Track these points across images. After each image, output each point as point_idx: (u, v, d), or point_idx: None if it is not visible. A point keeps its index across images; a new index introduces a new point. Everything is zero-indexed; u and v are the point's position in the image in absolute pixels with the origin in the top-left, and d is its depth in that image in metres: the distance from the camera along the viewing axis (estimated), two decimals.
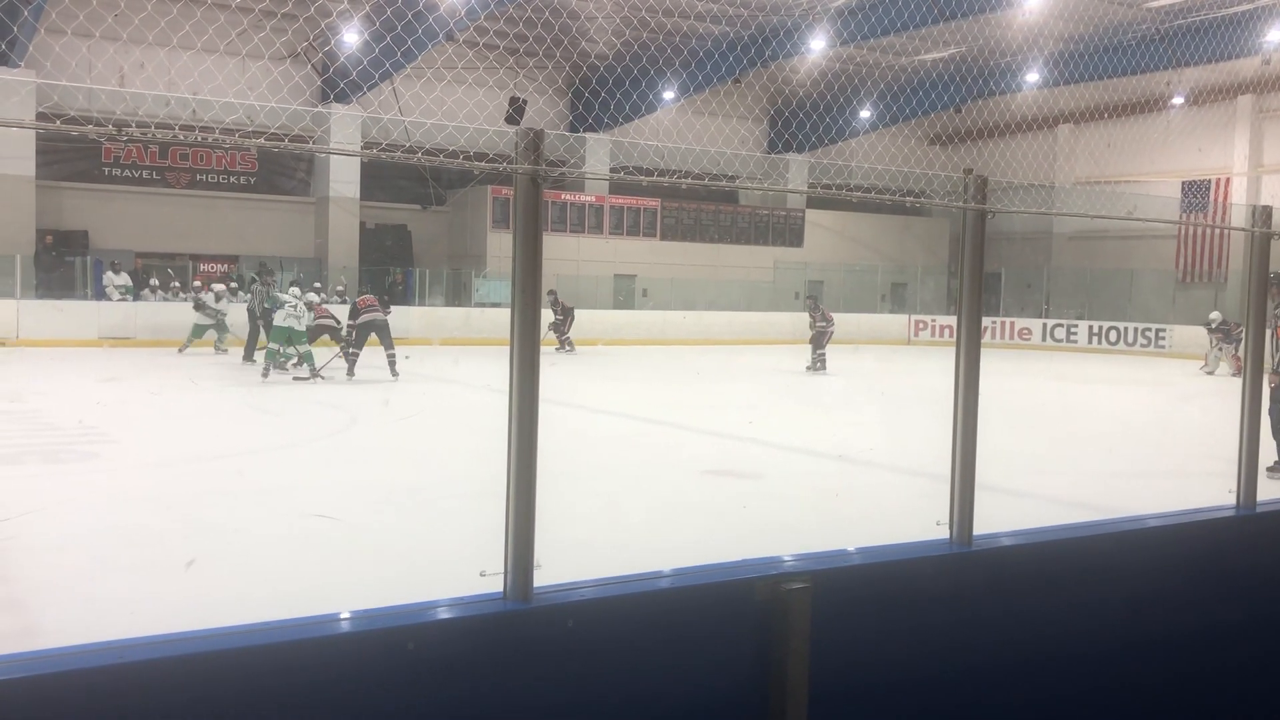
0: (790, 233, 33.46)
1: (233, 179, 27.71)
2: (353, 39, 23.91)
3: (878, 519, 7.30)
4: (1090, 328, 29.48)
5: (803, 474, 9.46)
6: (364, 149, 24.79)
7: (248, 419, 12.57)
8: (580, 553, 5.47)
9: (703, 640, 2.62)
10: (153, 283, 23.70)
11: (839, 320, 21.13)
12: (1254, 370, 3.95)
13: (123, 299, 22.87)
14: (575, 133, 29.77)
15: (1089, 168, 32.21)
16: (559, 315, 22.81)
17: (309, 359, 15.96)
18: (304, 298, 17.02)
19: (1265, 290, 3.96)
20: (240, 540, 6.54)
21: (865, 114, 30.82)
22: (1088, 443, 11.52)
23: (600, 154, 29.83)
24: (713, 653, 2.63)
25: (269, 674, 2.15)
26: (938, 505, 3.20)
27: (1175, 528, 3.75)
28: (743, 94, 29.87)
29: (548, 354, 19.28)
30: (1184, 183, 30.68)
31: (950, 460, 3.17)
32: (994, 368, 5.55)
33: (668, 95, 27.77)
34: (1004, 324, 30.21)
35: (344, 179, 27.47)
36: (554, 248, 27.35)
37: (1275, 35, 23.69)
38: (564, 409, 12.32)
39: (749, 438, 11.15)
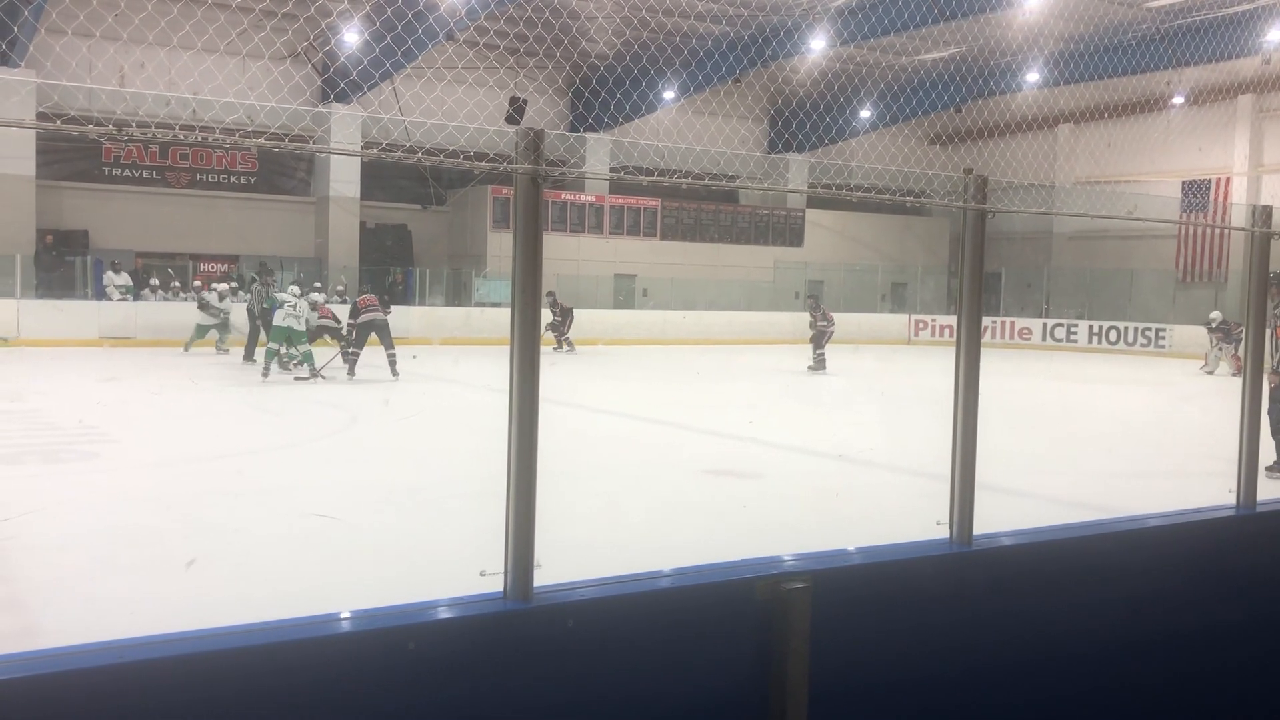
0: (790, 232, 33.46)
1: (233, 179, 27.71)
2: (353, 39, 23.91)
3: (878, 519, 7.30)
4: (1090, 327, 29.49)
5: (803, 474, 9.46)
6: (364, 149, 24.79)
7: (248, 419, 12.58)
8: (580, 553, 5.47)
9: (703, 640, 2.62)
10: (153, 282, 23.72)
11: (839, 320, 21.13)
12: (1254, 370, 3.95)
13: (123, 299, 22.88)
14: (575, 133, 29.77)
15: (1089, 167, 32.20)
16: (557, 316, 22.81)
17: (308, 359, 15.97)
18: (308, 297, 17.02)
19: (1265, 290, 3.96)
20: (240, 540, 6.54)
21: (865, 114, 30.82)
22: (1088, 442, 11.52)
23: (600, 154, 29.82)
24: (713, 652, 2.63)
25: (269, 674, 2.15)
26: (938, 505, 3.20)
27: (1175, 528, 3.75)
28: (743, 94, 29.87)
29: (546, 354, 19.25)
30: (1184, 182, 30.67)
31: (950, 460, 3.17)
32: (994, 367, 5.54)
33: (668, 95, 27.77)
34: (1004, 324, 30.21)
35: (344, 179, 27.47)
36: (554, 247, 27.35)
37: (1275, 35, 23.69)
38: (564, 409, 12.33)
39: (749, 437, 11.15)
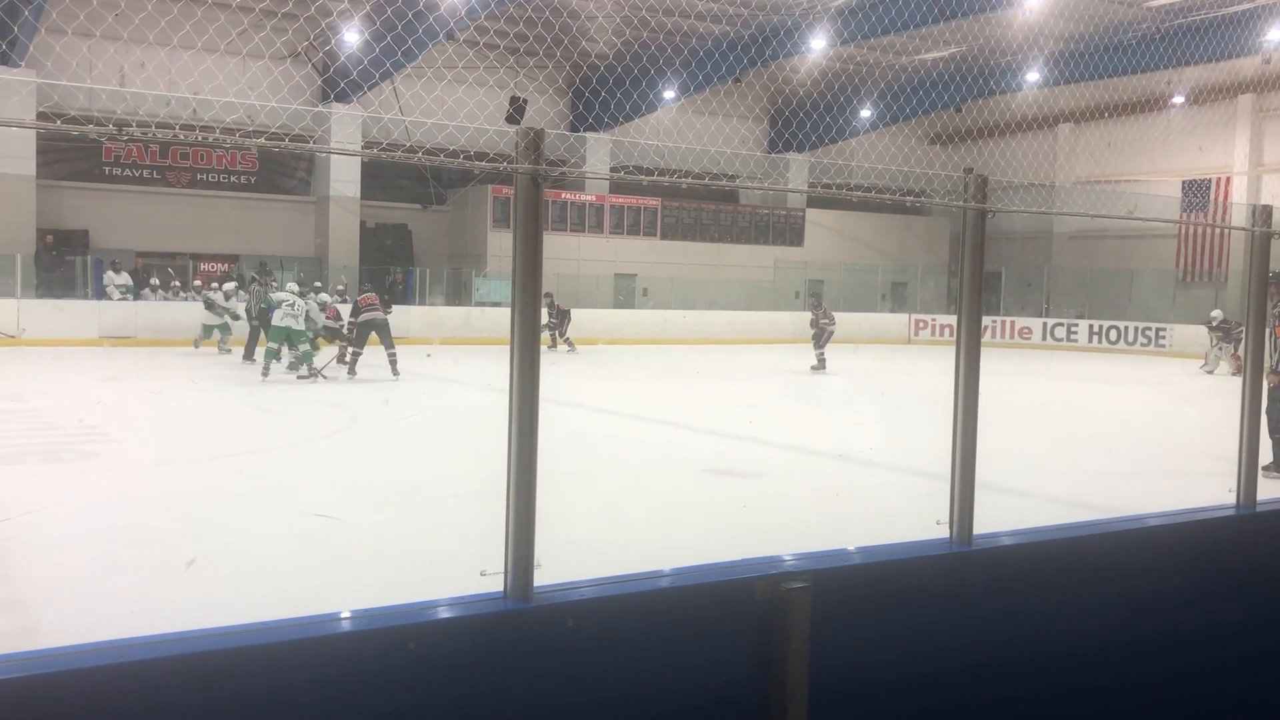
0: (790, 232, 33.46)
1: (233, 178, 27.71)
2: (353, 38, 23.91)
3: (877, 518, 7.30)
4: (1090, 327, 29.49)
5: (803, 473, 9.46)
6: (364, 149, 24.80)
7: (248, 419, 12.58)
8: (580, 552, 5.47)
9: (703, 639, 2.62)
10: (153, 282, 23.73)
11: (839, 319, 21.13)
12: (1254, 370, 3.95)
13: (123, 298, 22.88)
14: (576, 132, 29.77)
15: (1089, 167, 32.19)
16: (553, 318, 22.80)
17: (307, 358, 15.97)
18: (318, 298, 17.09)
19: (1265, 290, 3.96)
20: (240, 540, 6.54)
21: (865, 113, 30.81)
22: (1088, 442, 11.51)
23: (600, 153, 29.82)
24: (712, 652, 2.63)
25: (269, 673, 2.15)
26: (938, 505, 3.20)
27: (1175, 527, 3.74)
28: (743, 93, 29.87)
29: (543, 354, 19.28)
30: (1184, 182, 30.67)
31: (950, 459, 3.16)
32: (994, 367, 5.54)
33: (668, 95, 27.77)
34: (1004, 323, 30.20)
35: (344, 178, 27.47)
36: (554, 247, 27.34)
37: (1275, 34, 23.69)
38: (564, 408, 12.33)
39: (749, 437, 11.15)
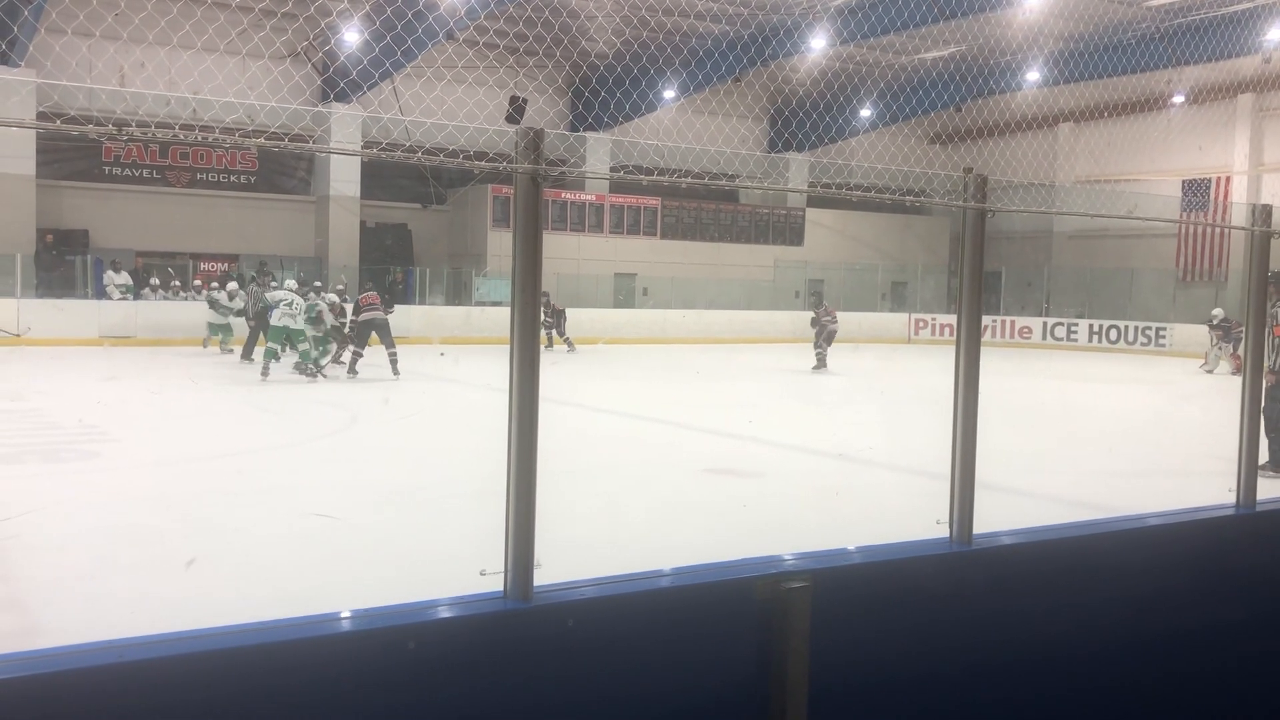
0: (790, 231, 33.46)
1: (233, 178, 27.71)
2: (353, 38, 23.90)
3: (878, 518, 7.30)
4: (1090, 326, 29.49)
5: (803, 473, 9.46)
6: (364, 148, 24.81)
7: (248, 418, 12.58)
8: (580, 552, 5.47)
9: (703, 639, 2.62)
10: (153, 282, 23.73)
11: (840, 319, 21.11)
12: (1254, 369, 3.94)
13: (123, 298, 22.89)
14: (575, 132, 29.76)
15: (1089, 166, 32.19)
16: (548, 317, 22.81)
17: (306, 357, 15.95)
18: (325, 297, 17.11)
19: (1265, 289, 3.96)
20: (240, 539, 6.54)
21: (865, 113, 30.81)
22: (1088, 442, 11.51)
23: (600, 153, 29.82)
24: (713, 652, 2.63)
25: (269, 673, 2.15)
26: (938, 504, 3.20)
27: (1175, 526, 3.74)
28: (743, 93, 29.86)
29: (543, 353, 19.27)
30: (1184, 181, 30.67)
31: (950, 459, 3.16)
32: (994, 366, 5.54)
33: (668, 94, 27.76)
34: (1004, 323, 30.20)
35: (344, 178, 27.47)
36: (554, 246, 27.34)
37: (1275, 34, 23.68)
38: (564, 408, 12.33)
39: (749, 437, 11.15)
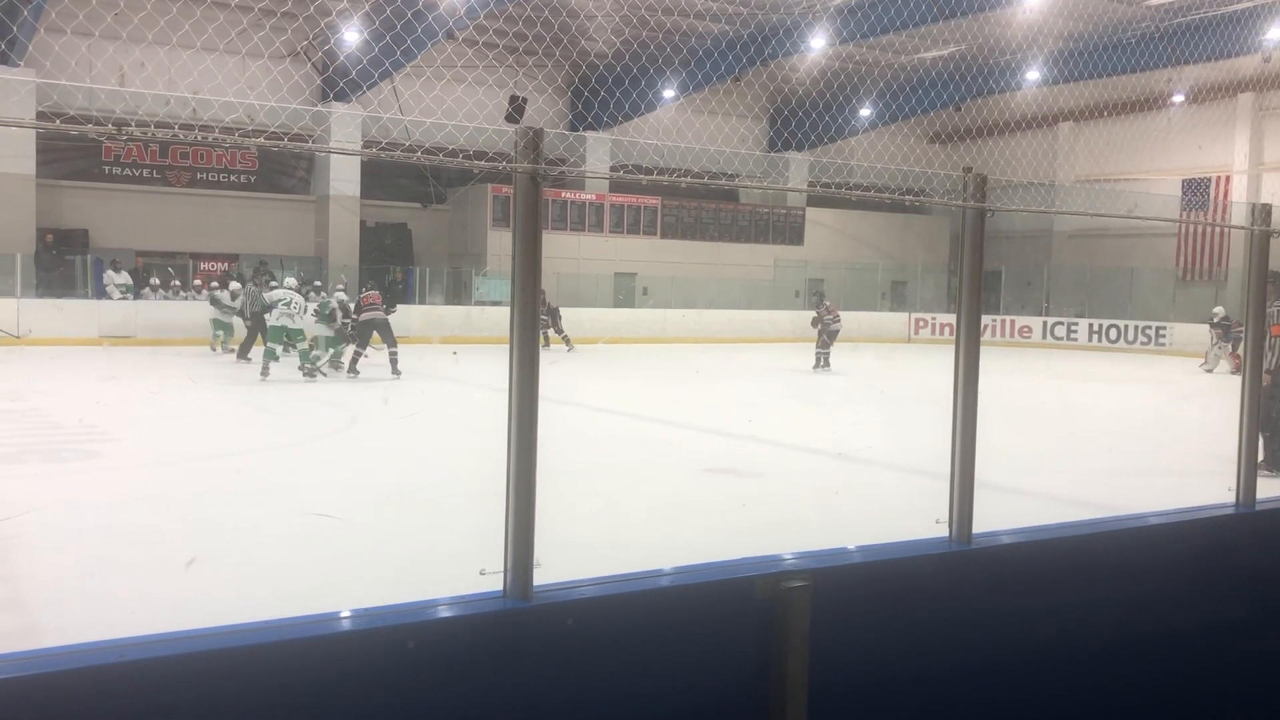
0: (790, 231, 33.46)
1: (233, 178, 27.71)
2: (352, 38, 23.90)
3: (877, 517, 7.30)
4: (1090, 326, 29.49)
5: (803, 472, 9.46)
6: (364, 148, 24.80)
7: (248, 418, 12.58)
8: (580, 552, 5.47)
9: (703, 639, 2.62)
10: (153, 281, 23.74)
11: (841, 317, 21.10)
12: (1253, 368, 3.94)
13: (123, 298, 22.89)
14: (575, 131, 29.76)
15: (1089, 166, 32.19)
16: (543, 316, 22.79)
17: (305, 357, 15.95)
18: (333, 297, 17.15)
19: (1265, 289, 3.96)
20: (240, 539, 6.54)
21: (865, 112, 30.81)
22: (1087, 441, 11.51)
23: (600, 152, 29.81)
24: (713, 651, 2.63)
25: (269, 673, 2.15)
26: (937, 503, 3.20)
27: (1175, 526, 3.74)
28: (743, 92, 29.86)
29: (542, 353, 19.25)
30: (1184, 181, 30.66)
31: (950, 458, 3.16)
32: (994, 366, 5.54)
33: (668, 94, 27.76)
34: (1004, 322, 30.21)
35: (344, 177, 27.47)
36: (554, 246, 27.35)
37: (1275, 33, 23.68)
38: (564, 407, 12.33)
39: (749, 436, 11.15)
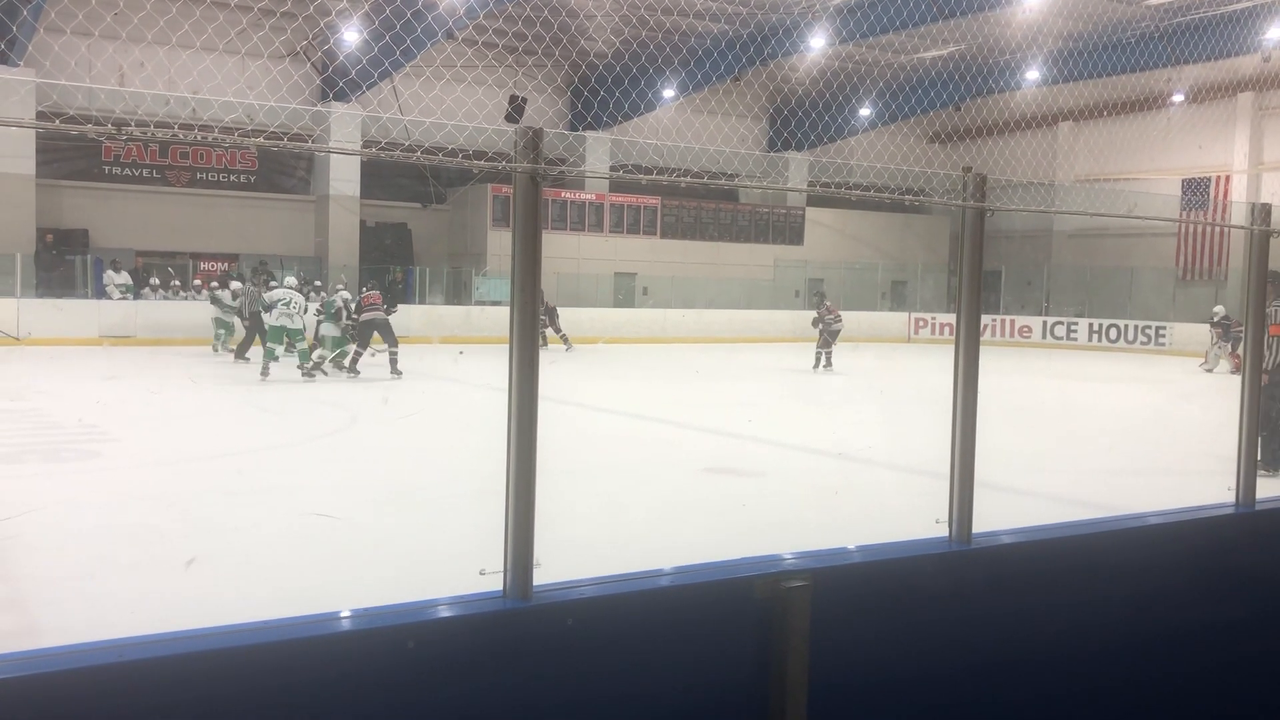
0: (790, 231, 33.46)
1: (233, 177, 27.71)
2: (352, 37, 23.90)
3: (877, 517, 7.30)
4: (1090, 325, 29.49)
5: (803, 472, 9.46)
6: (364, 147, 24.80)
7: (248, 418, 12.58)
8: (580, 551, 5.47)
9: (702, 638, 2.62)
10: (153, 281, 23.73)
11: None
12: (1253, 368, 3.94)
13: (123, 298, 22.89)
14: (575, 131, 29.76)
15: (1089, 165, 32.19)
16: (541, 315, 22.79)
17: (304, 356, 15.95)
18: (340, 295, 17.17)
19: (1265, 288, 3.96)
20: (240, 539, 6.54)
21: (865, 112, 30.80)
22: (1087, 440, 11.52)
23: (600, 152, 29.81)
24: (712, 651, 2.63)
25: (269, 673, 2.15)
26: (937, 503, 3.19)
27: (1175, 525, 3.74)
28: (742, 92, 29.85)
29: (542, 353, 19.26)
30: (1184, 180, 30.66)
31: (950, 458, 3.16)
32: (994, 365, 5.54)
33: (667, 93, 27.75)
34: (1004, 322, 30.20)
35: (344, 177, 27.46)
36: (554, 246, 27.35)
37: (1275, 32, 23.68)
38: (564, 407, 12.33)
39: (749, 436, 11.15)
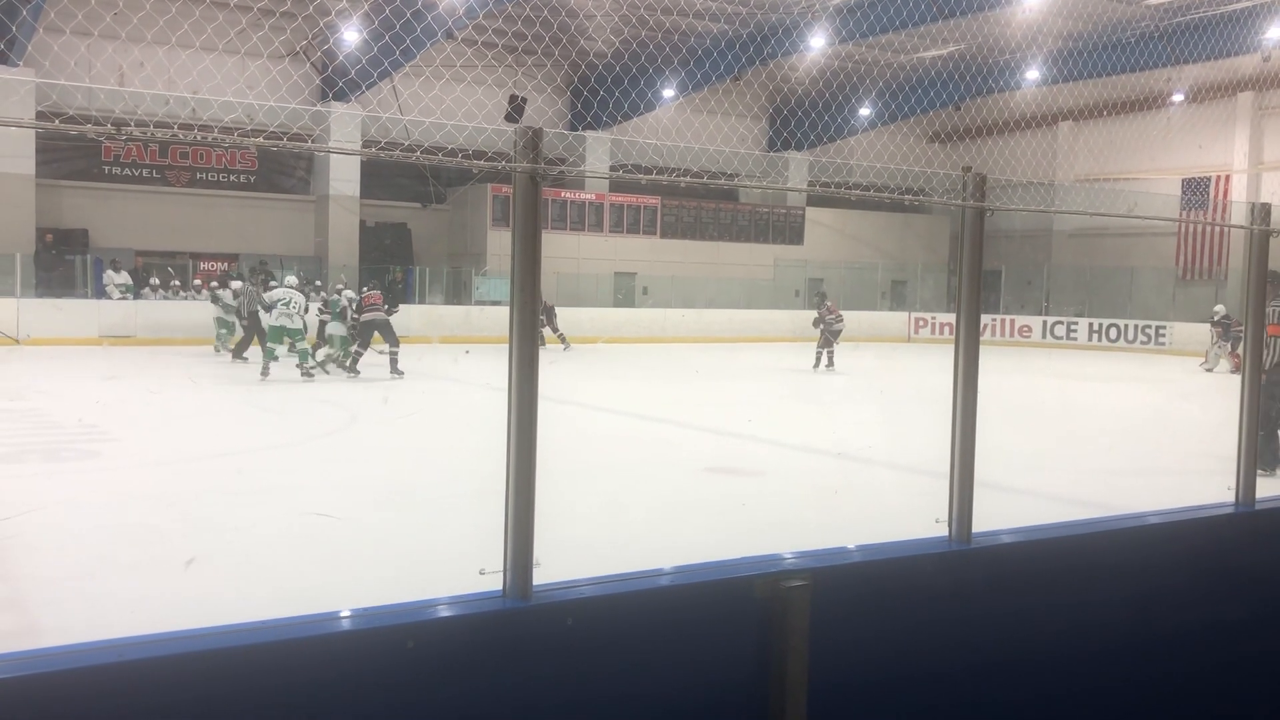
0: (790, 230, 33.46)
1: (232, 177, 27.71)
2: (352, 37, 23.90)
3: (877, 516, 7.29)
4: (1090, 325, 29.49)
5: (802, 472, 9.46)
6: (363, 147, 24.80)
7: (248, 418, 12.57)
8: (580, 551, 5.47)
9: (702, 638, 2.62)
10: (153, 281, 23.73)
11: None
12: (1253, 368, 3.94)
13: (123, 298, 22.89)
14: (575, 131, 29.75)
15: (1089, 165, 32.19)
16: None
17: (304, 356, 15.94)
18: (344, 294, 17.18)
19: (1264, 288, 3.96)
20: (240, 538, 6.54)
21: (865, 112, 30.81)
22: (1087, 440, 11.52)
23: (600, 152, 29.81)
24: (712, 650, 2.63)
25: (269, 672, 2.15)
26: (937, 503, 3.19)
27: (1175, 525, 3.74)
28: (742, 92, 29.85)
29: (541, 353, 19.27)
30: (1184, 180, 30.65)
31: (949, 458, 3.16)
32: (994, 365, 5.54)
33: (667, 93, 27.75)
34: (1004, 321, 30.20)
35: (344, 177, 27.46)
36: (554, 245, 27.34)
37: (1275, 32, 23.68)
38: (564, 407, 12.33)
39: (749, 435, 11.15)
